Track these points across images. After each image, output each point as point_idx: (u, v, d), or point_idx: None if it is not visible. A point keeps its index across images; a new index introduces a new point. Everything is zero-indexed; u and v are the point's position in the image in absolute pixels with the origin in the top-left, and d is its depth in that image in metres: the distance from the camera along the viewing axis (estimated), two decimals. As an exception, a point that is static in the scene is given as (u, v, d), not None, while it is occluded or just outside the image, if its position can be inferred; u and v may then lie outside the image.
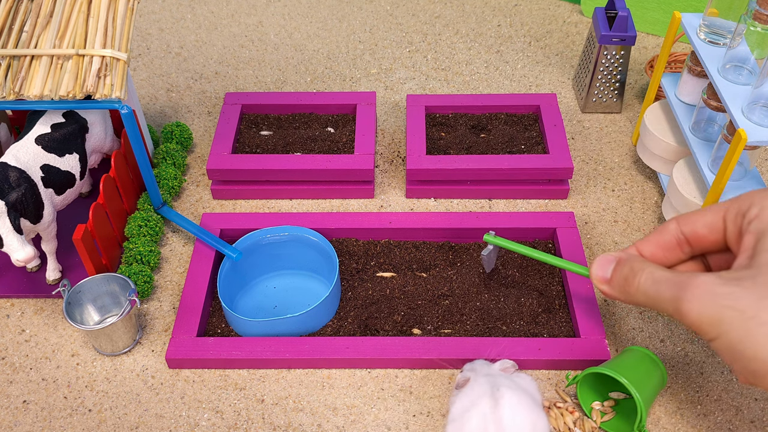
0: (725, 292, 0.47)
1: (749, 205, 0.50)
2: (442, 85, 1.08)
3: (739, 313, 0.46)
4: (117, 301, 0.77)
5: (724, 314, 0.46)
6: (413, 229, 0.83)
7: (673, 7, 1.13)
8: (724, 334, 0.46)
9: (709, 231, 0.53)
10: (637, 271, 0.54)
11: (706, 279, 0.48)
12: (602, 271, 0.58)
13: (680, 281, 0.50)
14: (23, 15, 0.76)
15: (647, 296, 0.53)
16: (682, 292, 0.49)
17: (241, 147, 0.93)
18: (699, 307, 0.48)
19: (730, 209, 0.52)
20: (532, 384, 0.65)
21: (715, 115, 0.80)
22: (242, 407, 0.70)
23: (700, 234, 0.54)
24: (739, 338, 0.46)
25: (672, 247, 0.56)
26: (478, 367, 0.66)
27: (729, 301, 0.46)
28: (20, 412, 0.70)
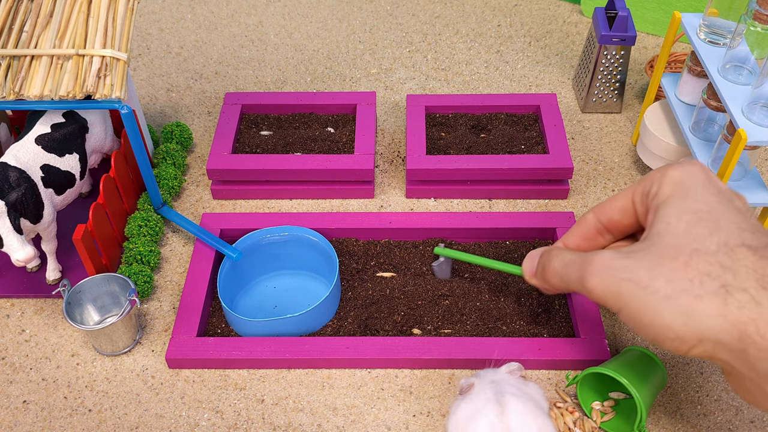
0: (622, 266, 0.49)
1: (650, 185, 0.52)
2: (442, 85, 1.08)
3: (634, 284, 0.48)
4: (117, 301, 0.77)
5: (622, 287, 0.48)
6: (413, 229, 0.83)
7: (673, 7, 1.13)
8: (625, 306, 0.48)
9: (622, 215, 0.55)
10: (552, 258, 0.57)
11: (605, 254, 0.51)
12: (530, 266, 0.61)
13: (584, 260, 0.52)
14: (23, 15, 0.76)
15: (561, 279, 0.55)
16: (585, 270, 0.51)
17: (241, 147, 0.93)
18: (600, 282, 0.50)
19: (636, 191, 0.54)
20: (539, 392, 0.64)
21: (715, 115, 0.80)
22: (242, 407, 0.70)
23: (615, 220, 0.56)
24: (637, 308, 0.47)
25: (593, 236, 0.58)
26: (483, 373, 0.65)
27: (625, 273, 0.48)
28: (20, 412, 0.70)
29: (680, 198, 0.49)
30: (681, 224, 0.48)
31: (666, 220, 0.49)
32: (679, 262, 0.46)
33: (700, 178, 0.50)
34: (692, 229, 0.47)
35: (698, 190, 0.49)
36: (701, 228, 0.47)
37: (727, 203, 0.49)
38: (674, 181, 0.51)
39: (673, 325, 0.46)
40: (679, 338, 0.46)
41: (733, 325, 0.44)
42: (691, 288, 0.45)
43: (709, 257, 0.46)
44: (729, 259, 0.45)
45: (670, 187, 0.51)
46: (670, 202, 0.50)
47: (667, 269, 0.47)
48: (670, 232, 0.48)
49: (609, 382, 0.68)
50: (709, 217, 0.47)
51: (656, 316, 0.46)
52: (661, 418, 0.69)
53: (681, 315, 0.45)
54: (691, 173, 0.51)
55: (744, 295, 0.44)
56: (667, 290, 0.46)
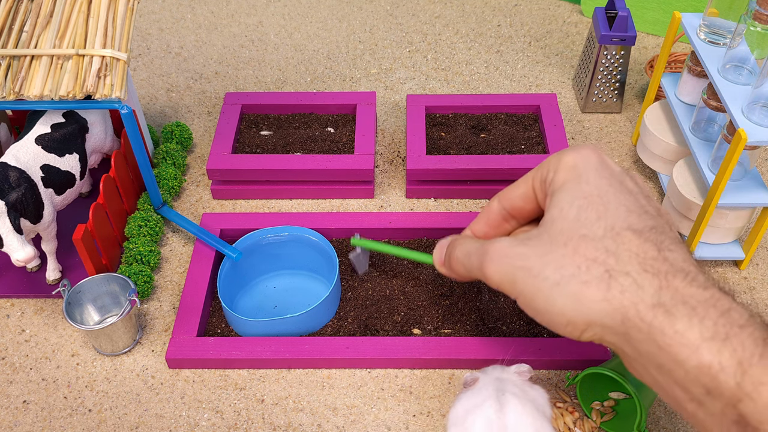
0: (516, 253, 0.50)
1: (547, 171, 0.53)
2: (442, 85, 1.08)
3: (527, 271, 0.48)
4: (117, 301, 0.77)
5: (517, 274, 0.49)
6: (413, 229, 0.83)
7: (673, 7, 1.13)
8: (520, 293, 0.49)
9: (524, 202, 0.56)
10: (456, 246, 0.57)
11: (502, 242, 0.51)
12: (438, 255, 0.61)
13: (482, 248, 0.53)
14: (23, 15, 0.76)
15: (464, 267, 0.56)
16: (483, 258, 0.52)
17: (241, 147, 0.93)
18: (497, 270, 0.51)
19: (536, 177, 0.54)
20: (543, 397, 0.63)
21: (715, 115, 0.80)
22: (242, 407, 0.70)
23: (518, 206, 0.57)
24: (532, 295, 0.48)
25: (499, 223, 0.59)
26: (491, 369, 0.65)
27: (519, 261, 0.49)
28: (20, 412, 0.70)
29: (573, 183, 0.50)
30: (572, 210, 0.48)
31: (559, 206, 0.49)
32: (568, 249, 0.47)
33: (592, 161, 0.51)
34: (582, 214, 0.48)
35: (591, 173, 0.50)
36: (591, 213, 0.48)
37: (618, 186, 0.49)
38: (568, 166, 0.51)
39: (564, 311, 0.46)
40: (571, 323, 0.47)
41: (615, 309, 0.44)
42: (578, 274, 0.46)
43: (595, 242, 0.46)
44: (614, 243, 0.46)
45: (565, 173, 0.51)
46: (565, 187, 0.50)
47: (557, 256, 0.47)
48: (561, 218, 0.48)
49: (609, 382, 0.68)
50: (599, 201, 0.48)
51: (548, 303, 0.47)
52: (661, 418, 0.69)
53: (570, 301, 0.46)
54: (585, 157, 0.51)
55: (626, 279, 0.45)
56: (556, 277, 0.47)
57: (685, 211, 0.80)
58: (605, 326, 0.46)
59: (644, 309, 0.44)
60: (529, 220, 0.58)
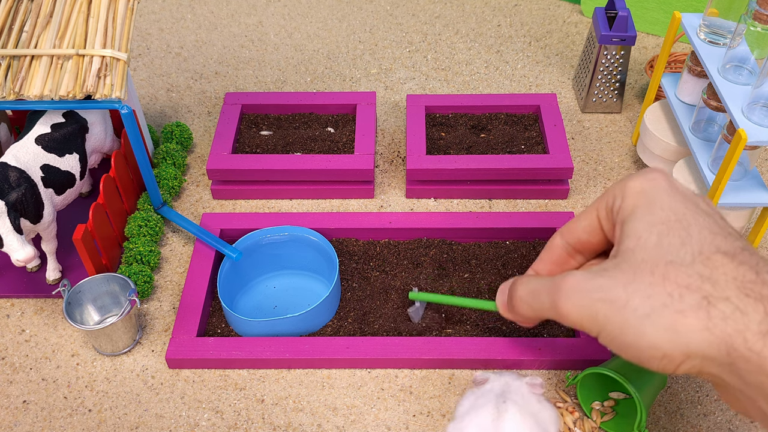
0: (594, 286, 0.46)
1: (612, 199, 0.51)
2: (442, 85, 1.08)
3: (610, 304, 0.45)
4: (117, 301, 0.77)
5: (598, 308, 0.46)
6: (413, 229, 0.83)
7: (673, 7, 1.13)
8: (603, 328, 0.46)
9: (589, 234, 0.54)
10: (518, 287, 0.54)
11: (576, 276, 0.48)
12: (501, 299, 0.58)
13: (553, 285, 0.49)
14: (23, 15, 0.76)
15: (531, 308, 0.52)
16: (556, 295, 0.48)
17: (241, 147, 0.93)
18: (574, 306, 0.47)
19: (600, 208, 0.52)
20: (551, 415, 0.62)
21: (715, 115, 0.80)
22: (242, 407, 0.70)
23: (583, 240, 0.54)
24: (618, 330, 0.45)
25: (564, 259, 0.56)
26: (506, 373, 0.65)
27: (599, 293, 0.46)
28: (20, 412, 0.70)
29: (646, 209, 0.48)
30: (652, 237, 0.46)
31: (636, 234, 0.47)
32: (656, 277, 0.44)
33: (662, 185, 0.49)
34: (664, 240, 0.45)
35: (663, 198, 0.48)
36: (673, 238, 0.45)
37: (694, 208, 0.47)
38: (636, 191, 0.49)
39: (658, 344, 0.43)
40: (666, 356, 0.44)
41: (719, 338, 0.42)
42: (671, 303, 0.43)
43: (686, 268, 0.44)
44: (706, 268, 0.43)
45: (633, 199, 0.49)
46: (637, 214, 0.48)
47: (644, 285, 0.44)
48: (641, 246, 0.46)
49: (609, 382, 0.68)
50: (679, 226, 0.46)
51: (638, 335, 0.44)
52: (661, 418, 0.69)
53: (665, 332, 0.43)
54: (653, 180, 0.49)
55: (727, 305, 0.42)
56: (646, 307, 0.44)
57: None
58: (707, 357, 0.43)
59: (752, 337, 0.41)
60: (596, 254, 0.56)
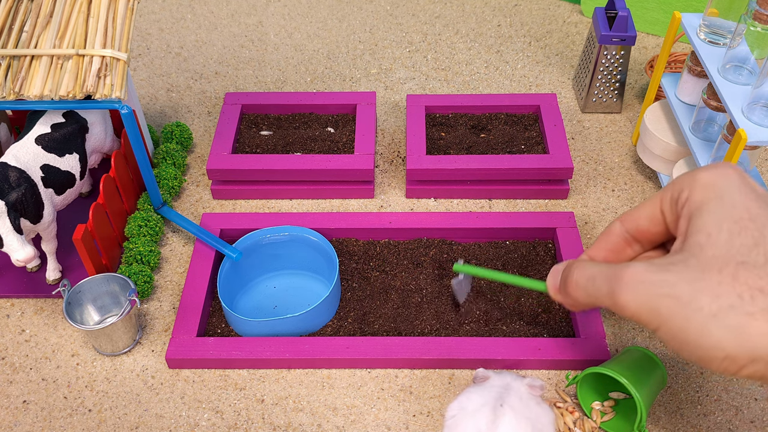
0: (658, 280, 0.45)
1: (680, 190, 0.49)
2: (442, 85, 1.08)
3: (675, 300, 0.44)
4: (117, 301, 0.77)
5: (661, 303, 0.45)
6: (413, 229, 0.83)
7: (673, 7, 1.13)
8: (664, 323, 0.45)
9: (650, 223, 0.53)
10: (573, 270, 0.53)
11: (639, 268, 0.47)
12: (553, 281, 0.58)
13: (613, 273, 0.48)
14: (23, 15, 0.76)
15: (586, 293, 0.51)
16: (616, 285, 0.47)
17: (241, 147, 0.93)
18: (635, 298, 0.46)
19: (665, 198, 0.51)
20: (548, 417, 0.62)
21: (715, 115, 0.80)
22: (242, 407, 0.70)
23: (643, 228, 0.53)
24: (680, 327, 0.44)
25: (621, 247, 0.55)
26: (506, 373, 0.65)
27: (664, 288, 0.45)
28: (20, 412, 0.70)
29: (716, 204, 0.46)
30: (722, 234, 0.45)
31: (705, 230, 0.45)
32: (725, 276, 0.43)
33: (734, 180, 0.47)
34: (735, 239, 0.44)
35: (735, 194, 0.46)
36: (745, 238, 0.44)
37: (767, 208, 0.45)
38: (706, 185, 0.47)
39: (722, 345, 0.42)
40: (729, 358, 0.43)
41: None
42: (741, 304, 0.42)
43: (758, 270, 0.42)
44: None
45: (702, 192, 0.47)
46: (707, 209, 0.46)
47: (712, 284, 0.43)
48: (711, 243, 0.45)
49: (609, 382, 0.68)
50: (753, 226, 0.44)
51: (703, 335, 0.43)
52: (661, 418, 0.69)
53: (731, 334, 0.42)
54: (725, 176, 0.47)
55: None
56: (713, 307, 0.43)
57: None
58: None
59: None
60: (654, 245, 0.55)
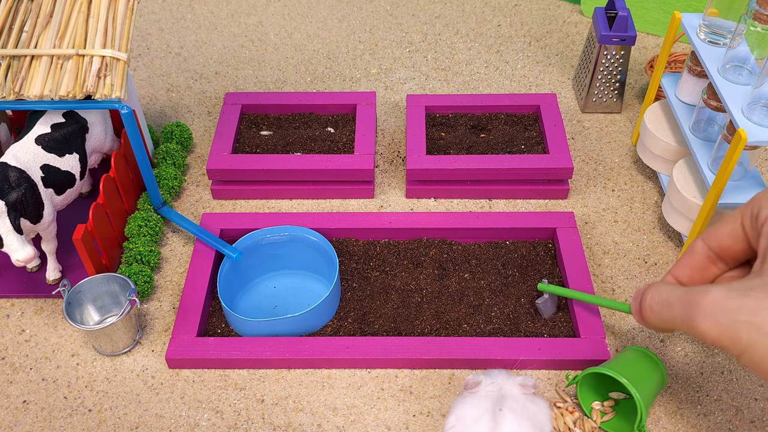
0: (738, 306, 0.44)
1: (759, 208, 0.48)
2: (442, 85, 1.08)
3: (755, 328, 0.43)
4: (117, 301, 0.77)
5: (741, 330, 0.43)
6: (413, 229, 0.83)
7: (673, 7, 1.13)
8: (746, 351, 0.44)
9: (733, 241, 0.51)
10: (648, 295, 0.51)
11: (718, 293, 0.45)
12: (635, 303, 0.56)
13: (690, 299, 0.47)
14: (23, 15, 0.76)
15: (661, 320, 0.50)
16: (695, 311, 0.46)
17: (241, 147, 0.93)
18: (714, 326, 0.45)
19: (745, 214, 0.50)
20: (545, 413, 0.63)
21: (715, 115, 0.80)
22: (242, 407, 0.70)
23: (726, 246, 0.51)
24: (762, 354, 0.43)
25: (705, 265, 0.53)
26: (496, 373, 0.65)
27: (743, 315, 0.43)
28: (20, 412, 0.70)
29: None
30: None
31: None
32: None
33: None
34: None
35: None
36: None
37: None
38: None
39: None
40: None
41: None
42: None
43: None
44: None
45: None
46: None
47: None
48: None
49: (609, 382, 0.68)
50: None
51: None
52: (661, 418, 0.69)
53: None
54: None
55: None
56: None
57: (685, 211, 0.80)
58: None
59: None
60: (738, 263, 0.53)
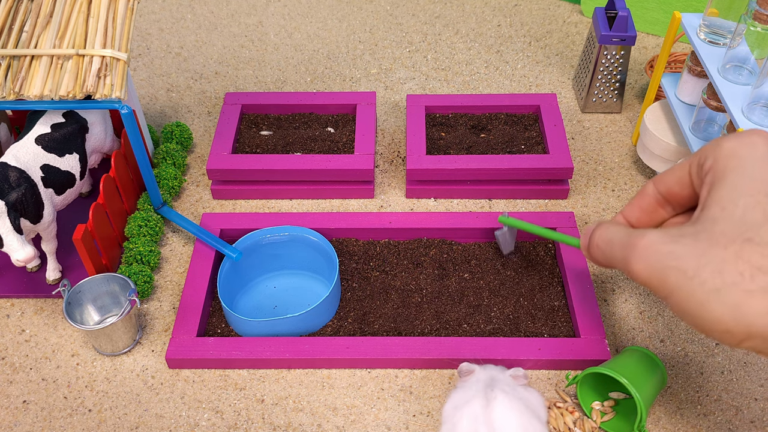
0: (668, 251, 0.46)
1: (705, 157, 0.49)
2: (442, 85, 1.08)
3: (681, 272, 0.45)
4: (117, 301, 0.77)
5: (669, 274, 0.46)
6: (413, 229, 0.83)
7: (673, 7, 1.13)
8: (671, 294, 0.46)
9: (680, 187, 0.53)
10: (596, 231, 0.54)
11: (653, 237, 0.48)
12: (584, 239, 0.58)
13: (629, 241, 0.49)
14: (23, 15, 0.76)
15: (604, 255, 0.53)
16: (630, 253, 0.48)
17: (241, 147, 0.93)
18: (645, 267, 0.47)
19: (693, 163, 0.51)
20: (538, 400, 0.63)
21: (715, 115, 0.80)
22: (242, 407, 0.70)
23: (674, 191, 0.54)
24: (684, 298, 0.45)
25: (654, 208, 0.56)
26: (489, 366, 0.66)
27: (672, 260, 0.45)
28: (20, 412, 0.70)
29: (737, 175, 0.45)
30: (737, 210, 0.44)
31: (721, 203, 0.45)
32: (729, 252, 0.43)
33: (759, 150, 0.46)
34: (748, 215, 0.44)
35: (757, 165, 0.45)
36: (758, 214, 0.43)
37: None
38: (728, 154, 0.47)
39: (722, 319, 0.43)
40: (728, 332, 0.44)
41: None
42: (741, 282, 0.42)
43: (762, 248, 0.43)
44: None
45: (725, 162, 0.46)
46: (726, 180, 0.46)
47: (717, 259, 0.43)
48: (723, 217, 0.45)
49: (609, 382, 0.68)
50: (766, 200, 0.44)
51: (704, 308, 0.44)
52: (661, 418, 0.69)
53: (730, 309, 0.43)
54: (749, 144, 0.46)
55: None
56: (716, 282, 0.43)
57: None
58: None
59: None
60: (685, 208, 0.55)
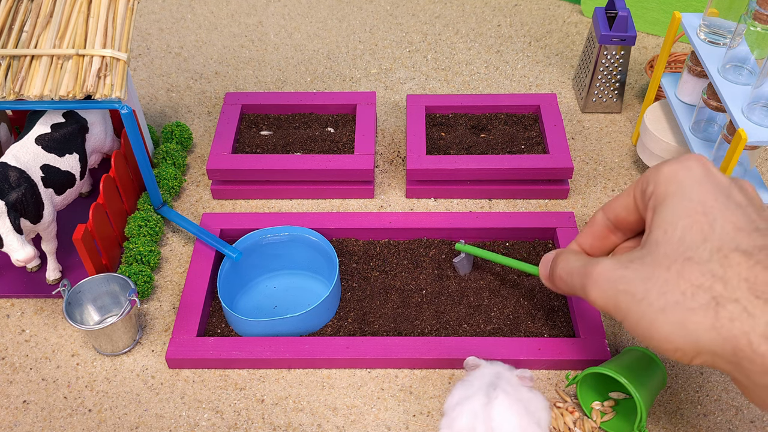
0: (619, 276, 0.48)
1: (647, 183, 0.51)
2: (442, 85, 1.08)
3: (630, 296, 0.47)
4: (117, 301, 0.77)
5: (620, 299, 0.48)
6: (413, 229, 0.83)
7: (673, 7, 1.13)
8: (625, 317, 0.48)
9: (627, 213, 0.54)
10: (558, 264, 0.56)
11: (605, 265, 0.50)
12: (543, 269, 0.61)
13: (585, 270, 0.51)
14: (23, 15, 0.76)
15: (567, 286, 0.55)
16: (587, 281, 0.51)
17: (241, 147, 0.93)
18: (601, 294, 0.49)
19: (637, 188, 0.53)
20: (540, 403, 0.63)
21: (715, 115, 0.80)
22: (242, 407, 0.70)
23: (621, 217, 0.55)
24: (636, 321, 0.47)
25: (605, 234, 0.57)
26: (497, 363, 0.66)
27: (622, 285, 0.48)
28: (20, 412, 0.70)
29: (676, 199, 0.48)
30: (677, 231, 0.46)
31: (663, 226, 0.47)
32: (671, 273, 0.45)
33: (696, 173, 0.48)
34: (687, 235, 0.46)
35: (693, 188, 0.47)
36: (695, 234, 0.45)
37: (725, 200, 0.46)
38: (668, 178, 0.49)
39: (671, 338, 0.45)
40: (680, 350, 0.45)
41: (725, 338, 0.43)
42: (683, 301, 0.44)
43: (701, 266, 0.44)
44: (721, 267, 0.44)
45: (665, 186, 0.49)
46: (667, 204, 0.48)
47: (660, 281, 0.46)
48: (666, 240, 0.47)
49: (609, 382, 0.68)
50: (705, 220, 0.46)
51: (654, 329, 0.46)
52: (661, 418, 0.69)
53: (677, 328, 0.44)
54: (686, 168, 0.48)
55: (736, 306, 0.42)
56: (661, 303, 0.45)
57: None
58: (716, 354, 0.44)
59: (757, 339, 0.42)
60: (635, 233, 0.56)
